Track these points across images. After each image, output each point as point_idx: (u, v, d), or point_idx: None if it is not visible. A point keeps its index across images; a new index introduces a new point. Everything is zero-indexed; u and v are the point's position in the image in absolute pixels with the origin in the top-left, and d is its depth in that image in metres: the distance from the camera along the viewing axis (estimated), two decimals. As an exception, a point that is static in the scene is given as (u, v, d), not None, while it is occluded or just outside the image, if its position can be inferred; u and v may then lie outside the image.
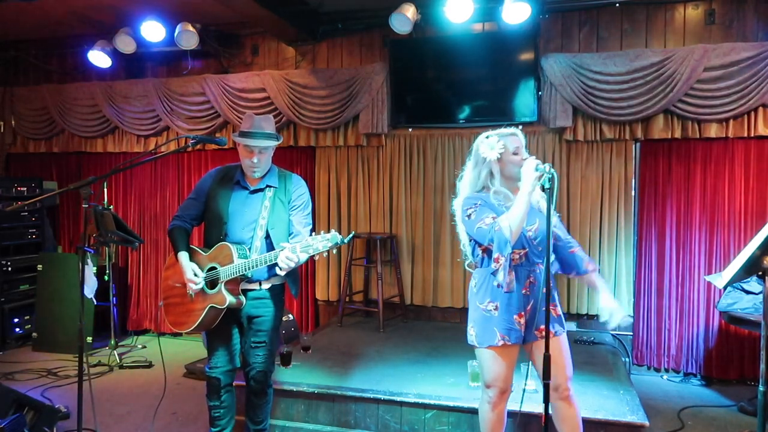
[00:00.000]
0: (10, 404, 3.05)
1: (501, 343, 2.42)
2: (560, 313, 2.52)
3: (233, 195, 2.87)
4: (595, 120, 4.59)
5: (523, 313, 2.44)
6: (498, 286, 2.38)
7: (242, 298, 2.79)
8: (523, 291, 2.44)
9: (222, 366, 2.88)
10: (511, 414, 2.67)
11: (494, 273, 2.35)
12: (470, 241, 2.54)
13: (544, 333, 2.38)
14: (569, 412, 2.49)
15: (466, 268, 2.63)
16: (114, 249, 5.35)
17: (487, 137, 2.49)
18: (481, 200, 2.43)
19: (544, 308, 2.40)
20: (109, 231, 4.61)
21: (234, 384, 2.98)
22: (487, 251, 2.42)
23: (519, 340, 2.45)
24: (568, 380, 2.47)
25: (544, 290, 2.42)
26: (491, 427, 2.55)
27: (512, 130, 2.50)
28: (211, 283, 2.78)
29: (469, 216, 2.42)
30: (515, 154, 2.44)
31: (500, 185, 2.46)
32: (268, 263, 2.65)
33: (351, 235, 2.76)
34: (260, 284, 2.84)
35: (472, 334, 2.52)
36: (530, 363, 2.61)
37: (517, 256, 2.43)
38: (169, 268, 2.97)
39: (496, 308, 2.44)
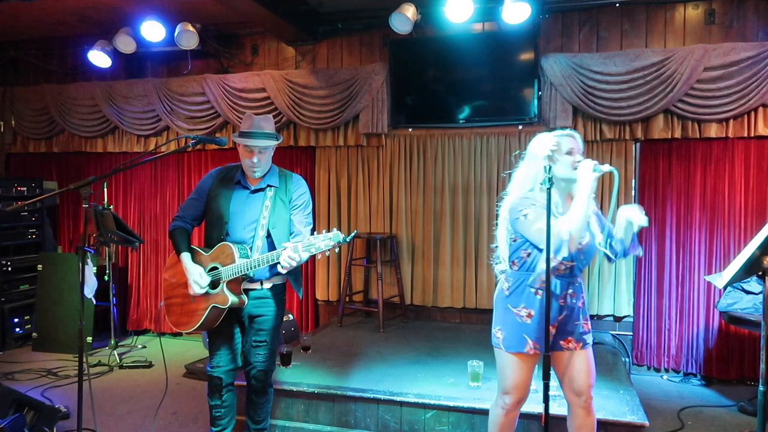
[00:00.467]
0: (10, 404, 3.05)
1: (532, 351, 2.38)
2: (590, 326, 2.50)
3: (234, 195, 2.88)
4: (595, 120, 4.59)
5: (556, 323, 2.41)
6: (535, 290, 2.35)
7: (244, 297, 2.79)
8: (560, 302, 2.40)
9: (224, 365, 2.89)
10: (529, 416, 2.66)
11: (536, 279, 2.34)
12: (513, 241, 2.44)
13: (570, 344, 2.42)
14: (587, 421, 2.49)
15: (496, 271, 2.56)
16: (114, 249, 5.35)
17: (541, 135, 2.43)
18: (539, 202, 2.34)
19: (577, 321, 2.43)
20: (109, 231, 4.61)
21: (235, 383, 2.98)
22: (528, 254, 2.38)
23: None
24: (591, 388, 2.48)
25: (580, 304, 2.43)
26: (501, 431, 2.54)
27: (570, 131, 2.44)
28: (213, 283, 2.79)
29: (526, 216, 2.32)
30: (568, 154, 2.36)
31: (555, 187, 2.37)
32: (270, 263, 2.65)
33: (353, 234, 2.77)
34: (262, 284, 2.85)
35: (498, 336, 2.45)
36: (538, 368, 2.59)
37: (563, 267, 2.37)
38: (169, 268, 2.97)
39: (530, 315, 2.38)
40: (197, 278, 2.76)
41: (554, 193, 2.37)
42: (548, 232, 2.17)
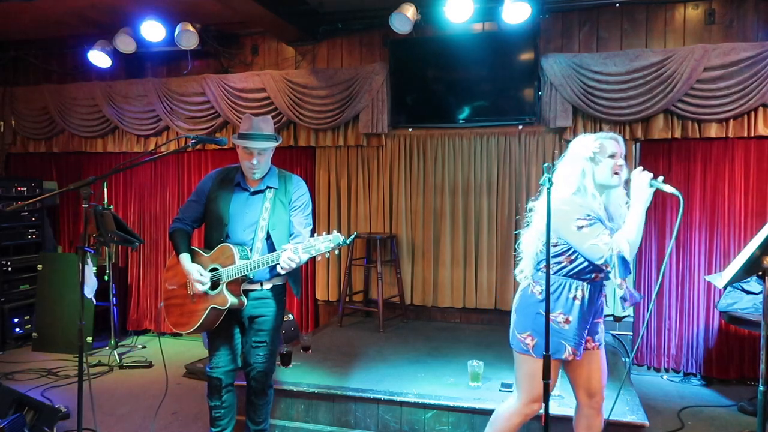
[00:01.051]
0: (10, 404, 3.05)
1: (570, 357, 2.35)
2: (603, 325, 2.52)
3: (234, 196, 2.88)
4: (595, 120, 4.59)
5: (587, 327, 2.42)
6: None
7: (243, 298, 2.79)
8: (594, 306, 2.43)
9: (223, 366, 2.89)
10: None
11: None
12: (554, 246, 2.34)
13: (590, 344, 2.44)
14: (596, 421, 2.51)
15: (520, 274, 2.49)
16: (114, 249, 5.35)
17: (583, 136, 2.42)
18: (593, 212, 2.30)
19: (597, 320, 2.44)
20: (109, 231, 4.61)
21: (235, 384, 2.98)
22: (571, 260, 2.35)
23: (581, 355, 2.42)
24: (604, 389, 2.50)
25: (600, 304, 2.46)
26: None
27: (613, 134, 2.40)
28: (213, 284, 2.79)
29: (580, 227, 2.25)
30: (611, 157, 2.33)
31: (594, 189, 2.35)
32: (270, 264, 2.66)
33: (353, 236, 2.77)
34: (262, 284, 2.85)
35: (528, 343, 2.38)
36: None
37: (602, 275, 2.39)
38: (169, 269, 2.97)
39: (567, 321, 2.34)
40: (198, 276, 2.76)
41: (598, 198, 2.35)
42: (548, 230, 2.16)
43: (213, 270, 2.79)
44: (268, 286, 2.86)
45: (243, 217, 2.84)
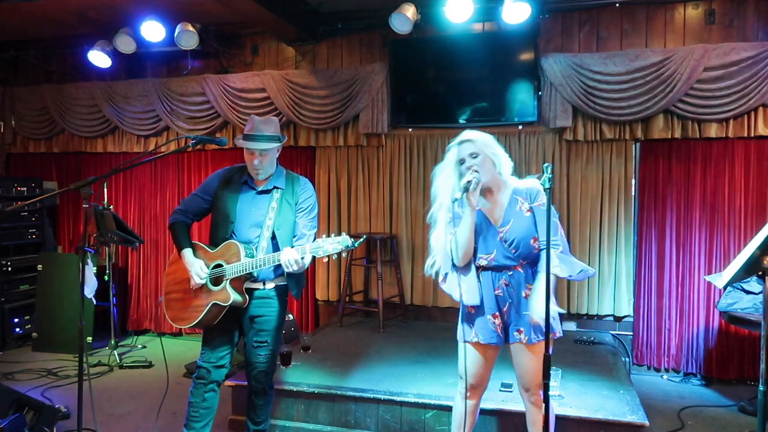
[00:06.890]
0: (10, 404, 3.05)
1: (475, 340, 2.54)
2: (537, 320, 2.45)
3: (241, 195, 2.89)
4: (595, 120, 4.59)
5: (498, 313, 2.50)
6: None
7: (246, 296, 2.80)
8: (496, 292, 2.51)
9: (214, 361, 2.84)
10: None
11: None
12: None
13: (517, 335, 2.47)
14: (538, 417, 2.53)
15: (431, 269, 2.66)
16: (114, 249, 5.35)
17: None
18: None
19: (525, 312, 2.45)
20: (109, 231, 4.61)
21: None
22: None
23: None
24: (539, 387, 2.47)
25: (524, 295, 2.46)
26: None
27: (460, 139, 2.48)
28: (216, 279, 2.79)
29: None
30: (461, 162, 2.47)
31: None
32: (275, 263, 2.67)
33: (362, 240, 2.78)
34: (265, 284, 2.85)
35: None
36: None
37: (487, 263, 2.52)
38: (172, 264, 2.98)
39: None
40: (198, 270, 2.78)
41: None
42: (548, 230, 2.17)
43: (217, 266, 2.80)
44: (271, 285, 2.86)
45: (249, 216, 2.85)
